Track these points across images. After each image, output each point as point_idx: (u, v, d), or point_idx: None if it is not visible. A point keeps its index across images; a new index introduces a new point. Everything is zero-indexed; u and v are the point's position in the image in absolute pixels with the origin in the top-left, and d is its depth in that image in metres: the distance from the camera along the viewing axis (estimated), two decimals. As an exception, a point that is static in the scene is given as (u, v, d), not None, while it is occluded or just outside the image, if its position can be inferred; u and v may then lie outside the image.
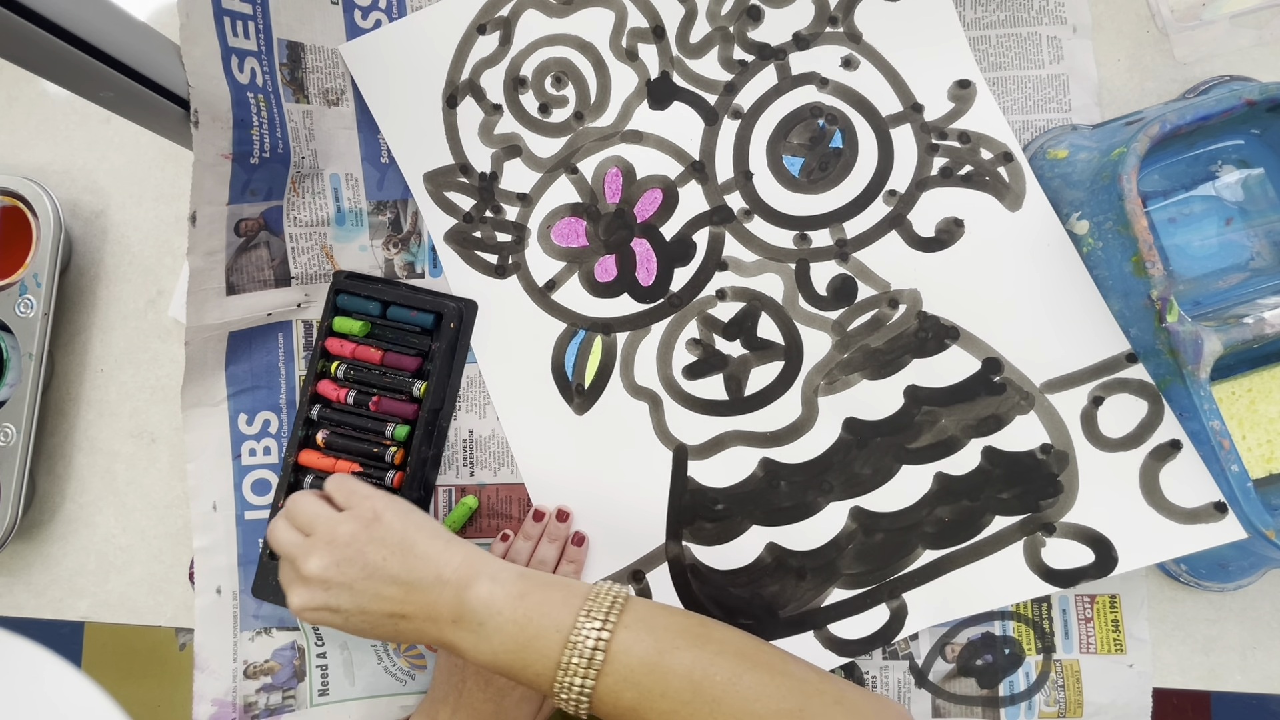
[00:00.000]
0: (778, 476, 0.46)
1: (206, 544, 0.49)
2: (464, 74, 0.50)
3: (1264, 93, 0.40)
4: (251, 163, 0.45)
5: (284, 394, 0.51)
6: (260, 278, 0.48)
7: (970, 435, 0.45)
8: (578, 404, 0.48)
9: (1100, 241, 0.42)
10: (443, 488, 0.49)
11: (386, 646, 0.49)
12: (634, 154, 0.49)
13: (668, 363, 0.48)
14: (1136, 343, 0.42)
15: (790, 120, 0.48)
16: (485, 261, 0.50)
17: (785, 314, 0.47)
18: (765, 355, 0.47)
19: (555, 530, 0.47)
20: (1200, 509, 0.42)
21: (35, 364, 0.50)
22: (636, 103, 0.49)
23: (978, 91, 0.47)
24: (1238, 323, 0.40)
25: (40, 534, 0.53)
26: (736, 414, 0.47)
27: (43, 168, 0.54)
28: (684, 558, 0.47)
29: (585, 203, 0.49)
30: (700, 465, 0.47)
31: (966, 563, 0.44)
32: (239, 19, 0.43)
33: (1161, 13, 0.48)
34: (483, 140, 0.50)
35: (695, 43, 0.49)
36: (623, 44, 0.49)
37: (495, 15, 0.49)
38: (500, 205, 0.49)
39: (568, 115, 0.49)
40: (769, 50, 0.48)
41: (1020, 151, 0.46)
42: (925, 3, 0.47)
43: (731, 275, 0.48)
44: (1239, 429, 0.43)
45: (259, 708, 0.49)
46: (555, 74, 0.49)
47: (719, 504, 0.47)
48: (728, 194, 0.48)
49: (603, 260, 0.49)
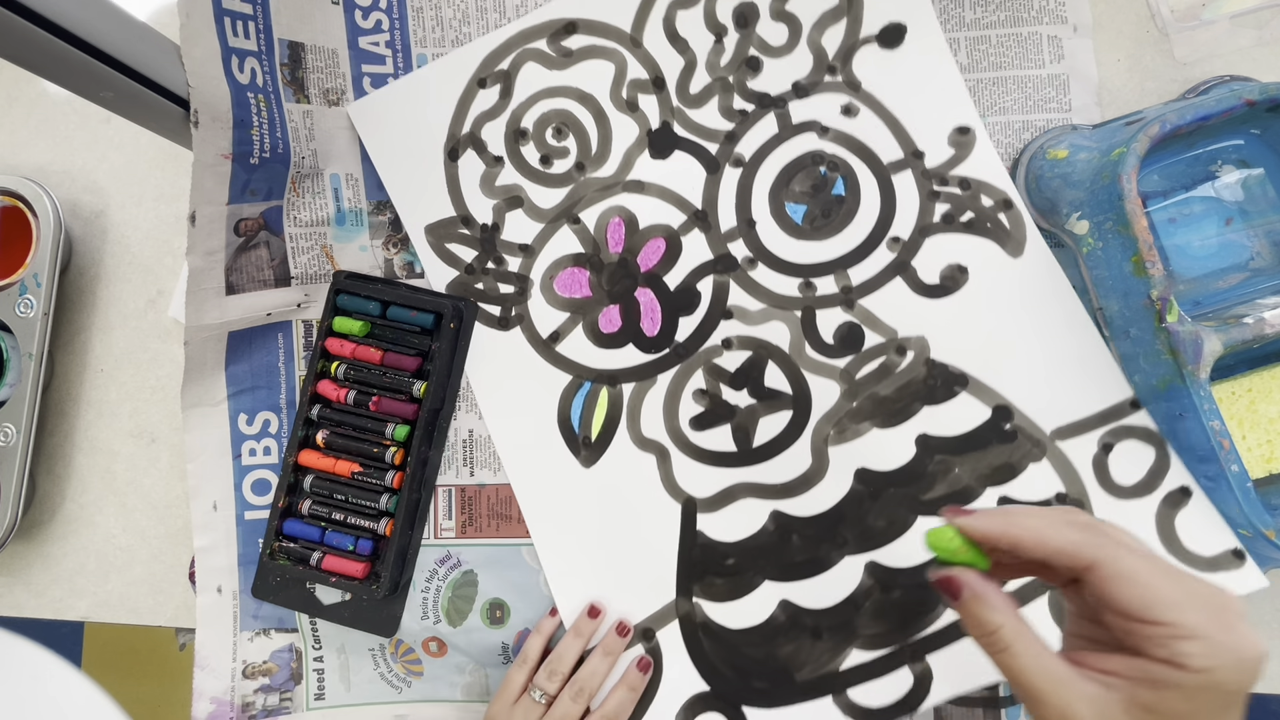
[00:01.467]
0: (789, 530, 0.46)
1: (207, 544, 0.49)
2: (465, 127, 0.49)
3: (1264, 93, 0.40)
4: (251, 163, 0.45)
5: (284, 394, 0.51)
6: (260, 278, 0.48)
7: (985, 485, 0.44)
8: (585, 456, 0.48)
9: (1100, 241, 0.42)
10: (443, 488, 0.49)
11: (384, 650, 0.49)
12: (636, 203, 0.49)
13: (674, 414, 0.48)
14: (1136, 344, 0.42)
15: (792, 168, 0.48)
16: (488, 314, 0.49)
17: (792, 362, 0.47)
18: (773, 405, 0.47)
19: (612, 644, 0.45)
20: (1220, 556, 0.42)
21: (35, 364, 0.50)
22: (638, 153, 0.49)
23: (977, 138, 0.47)
24: (1238, 323, 0.40)
25: (40, 534, 0.53)
26: (745, 465, 0.47)
27: (43, 168, 0.54)
28: (695, 615, 0.46)
29: (588, 253, 0.49)
30: (710, 518, 0.46)
31: None
32: (239, 19, 0.43)
33: (1161, 13, 0.48)
34: (484, 192, 0.49)
35: (695, 93, 0.48)
36: (623, 95, 0.49)
37: (495, 69, 0.49)
38: (502, 256, 0.49)
39: (569, 166, 0.49)
40: (769, 99, 0.48)
41: (1019, 198, 0.46)
42: (923, 50, 0.47)
43: (737, 324, 0.48)
44: (1239, 429, 0.43)
45: (256, 708, 0.49)
46: (556, 125, 0.49)
47: (730, 558, 0.46)
48: (731, 242, 0.48)
49: (607, 310, 0.49)
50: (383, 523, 0.47)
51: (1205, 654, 0.21)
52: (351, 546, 0.47)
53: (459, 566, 0.49)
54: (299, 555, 0.47)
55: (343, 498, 0.48)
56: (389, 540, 0.47)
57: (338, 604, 0.48)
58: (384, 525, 0.47)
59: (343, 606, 0.48)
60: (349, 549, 0.47)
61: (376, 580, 0.47)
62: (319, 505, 0.48)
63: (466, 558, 0.49)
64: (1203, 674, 0.21)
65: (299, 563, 0.47)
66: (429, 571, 0.49)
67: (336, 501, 0.48)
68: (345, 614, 0.48)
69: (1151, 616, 0.21)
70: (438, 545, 0.49)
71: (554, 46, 0.49)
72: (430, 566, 0.49)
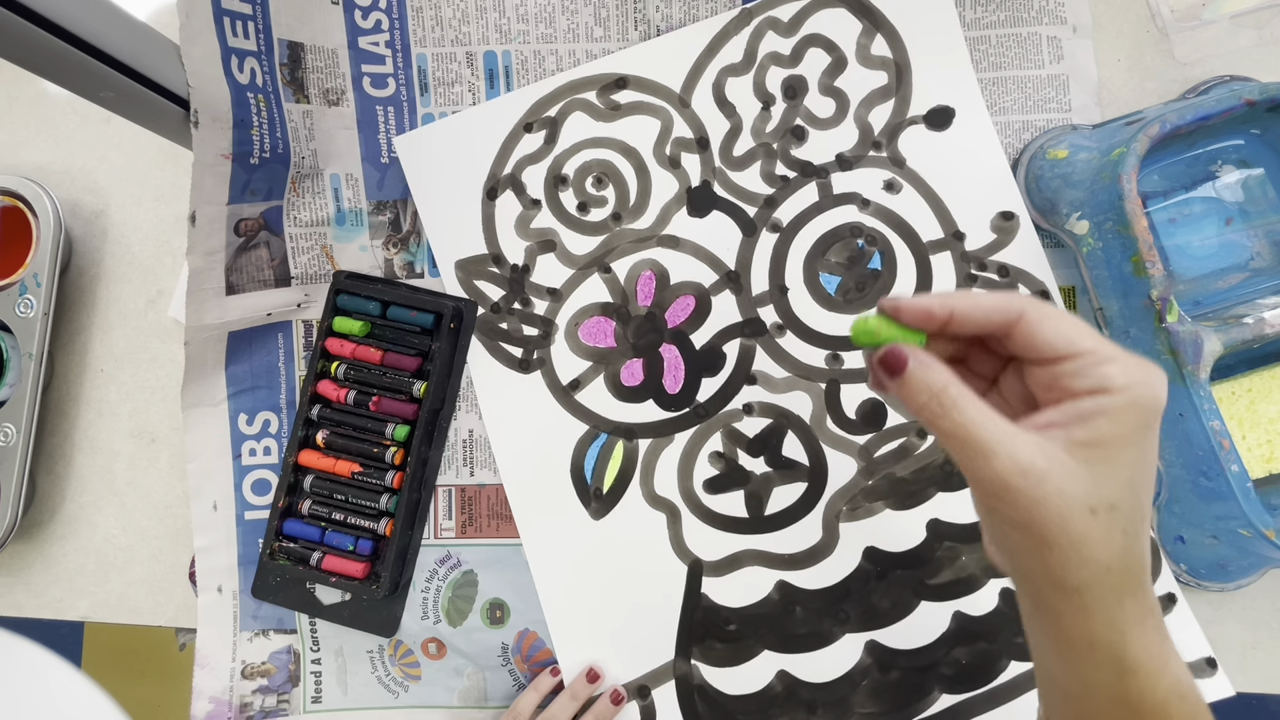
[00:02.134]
0: (794, 601, 0.46)
1: (206, 544, 0.49)
2: (507, 168, 0.49)
3: (1264, 93, 0.40)
4: (251, 163, 0.45)
5: (284, 394, 0.51)
6: (260, 278, 0.48)
7: (989, 575, 0.45)
8: (595, 508, 0.48)
9: (1100, 241, 0.42)
10: (443, 488, 0.49)
11: (382, 653, 0.49)
12: (669, 259, 0.48)
13: (689, 474, 0.47)
14: (1136, 344, 0.42)
15: (829, 238, 0.48)
16: (509, 354, 0.49)
17: (812, 434, 0.47)
18: (789, 475, 0.47)
19: (604, 711, 0.45)
20: (1194, 664, 0.43)
21: (35, 364, 0.50)
22: (676, 208, 0.49)
23: (1020, 225, 0.46)
24: (1238, 323, 0.40)
25: (40, 534, 0.53)
26: (755, 533, 0.47)
27: (43, 168, 0.54)
28: (692, 677, 0.46)
29: (616, 303, 0.49)
30: (715, 582, 0.46)
31: (984, 710, 0.44)
32: (239, 19, 0.43)
33: (1161, 13, 0.48)
34: (518, 233, 0.49)
35: (738, 155, 0.48)
36: (666, 151, 0.49)
37: (543, 115, 0.49)
38: (530, 298, 0.49)
39: (606, 215, 0.49)
40: (812, 168, 0.48)
41: (1056, 290, 0.46)
42: (970, 134, 0.47)
43: (760, 390, 0.47)
44: (1239, 429, 0.43)
45: (254, 709, 0.49)
46: (597, 174, 0.49)
47: (731, 624, 0.46)
48: (761, 307, 0.48)
49: (630, 363, 0.48)
50: (383, 523, 0.47)
51: (1123, 373, 0.23)
52: (351, 546, 0.47)
53: (459, 566, 0.49)
54: (299, 555, 0.47)
55: (343, 498, 0.48)
56: (389, 540, 0.47)
57: (338, 604, 0.48)
58: (384, 525, 0.47)
59: (343, 606, 0.48)
60: (349, 549, 0.47)
61: (376, 580, 0.47)
62: (319, 505, 0.48)
63: (466, 558, 0.49)
64: (1125, 391, 0.23)
65: (299, 563, 0.47)
66: (429, 571, 0.49)
67: (336, 501, 0.48)
68: (345, 614, 0.48)
69: (1076, 348, 0.24)
70: (438, 545, 0.49)
71: (603, 99, 0.49)
72: (430, 566, 0.49)
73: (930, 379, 0.24)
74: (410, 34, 0.51)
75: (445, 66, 0.51)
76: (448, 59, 0.51)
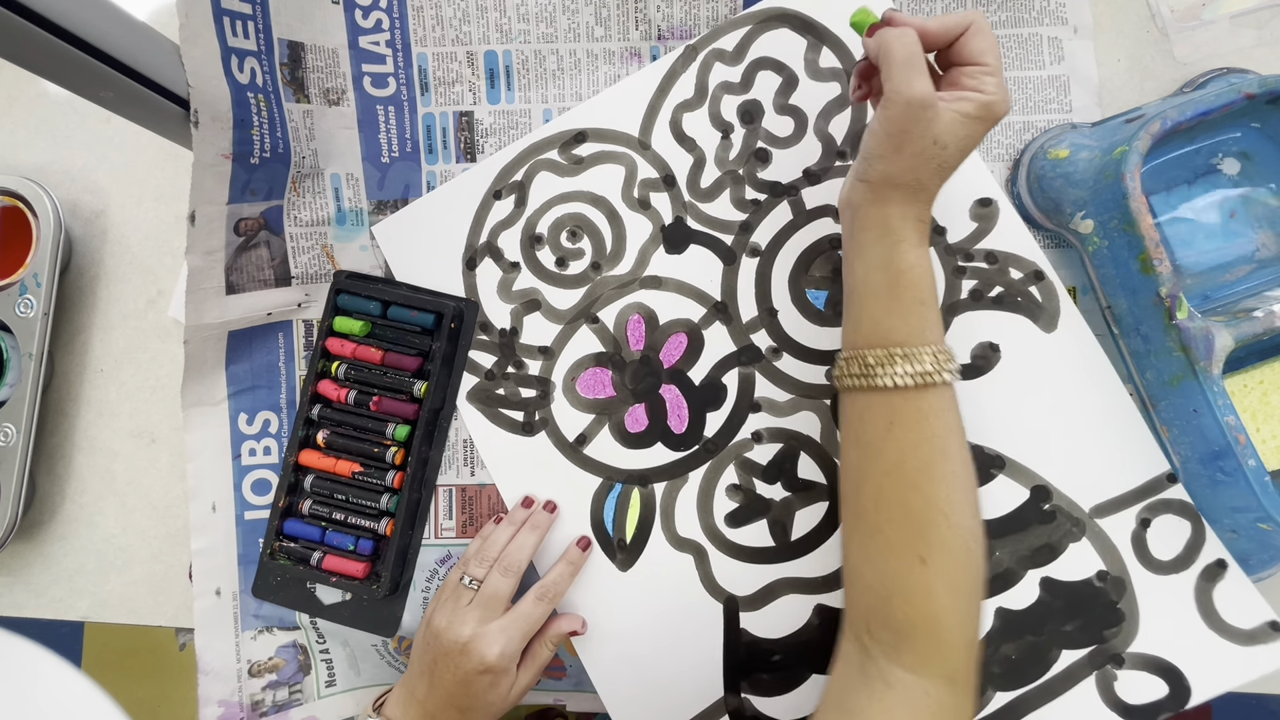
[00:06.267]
0: (835, 624, 0.45)
1: (204, 545, 0.49)
2: (482, 237, 0.49)
3: (1263, 86, 0.40)
4: (251, 162, 0.45)
5: (284, 394, 0.50)
6: (260, 277, 0.48)
7: (1026, 566, 0.44)
8: (621, 560, 0.47)
9: (1106, 240, 0.42)
10: (443, 488, 0.49)
11: (386, 645, 0.49)
12: (655, 299, 0.48)
13: (709, 511, 0.47)
14: (1147, 341, 0.41)
15: (810, 254, 0.47)
16: (511, 419, 0.49)
17: (825, 452, 0.46)
18: (809, 496, 0.46)
19: (539, 519, 0.46)
20: (1258, 629, 0.42)
21: (35, 364, 0.50)
22: (653, 249, 0.48)
23: (1000, 209, 0.46)
24: (1247, 316, 0.40)
25: (40, 534, 0.53)
26: (785, 560, 0.46)
27: (43, 168, 0.54)
28: (745, 710, 0.45)
29: (609, 352, 0.48)
30: (753, 616, 0.46)
31: (1041, 704, 0.43)
32: (239, 19, 0.43)
33: (1162, 13, 0.48)
34: (501, 297, 0.49)
35: (706, 187, 0.48)
36: (634, 194, 0.49)
37: (510, 180, 0.49)
38: (522, 360, 0.49)
39: (585, 266, 0.49)
40: (781, 188, 0.48)
41: (1051, 269, 0.45)
42: None
43: (766, 416, 0.47)
44: (1252, 421, 0.43)
45: (266, 705, 0.49)
46: (570, 228, 0.49)
47: (775, 655, 0.45)
48: (753, 333, 0.47)
49: (632, 410, 0.48)
50: (383, 522, 0.47)
51: (994, 87, 0.36)
52: (352, 546, 0.47)
53: (459, 566, 0.49)
54: (299, 555, 0.47)
55: (343, 497, 0.48)
56: (389, 540, 0.47)
57: (338, 604, 0.48)
58: (384, 525, 0.47)
59: (343, 606, 0.48)
60: (349, 549, 0.47)
61: (377, 580, 0.47)
62: (319, 505, 0.48)
63: (467, 558, 0.49)
64: (991, 97, 0.36)
65: (299, 562, 0.47)
66: (429, 571, 0.49)
67: (337, 501, 0.48)
68: (345, 614, 0.48)
69: (981, 60, 0.36)
70: (438, 545, 0.49)
71: (565, 155, 0.49)
72: (431, 566, 0.49)
73: (909, 36, 0.36)
74: (411, 33, 0.51)
75: (446, 66, 0.51)
76: (448, 58, 0.51)
